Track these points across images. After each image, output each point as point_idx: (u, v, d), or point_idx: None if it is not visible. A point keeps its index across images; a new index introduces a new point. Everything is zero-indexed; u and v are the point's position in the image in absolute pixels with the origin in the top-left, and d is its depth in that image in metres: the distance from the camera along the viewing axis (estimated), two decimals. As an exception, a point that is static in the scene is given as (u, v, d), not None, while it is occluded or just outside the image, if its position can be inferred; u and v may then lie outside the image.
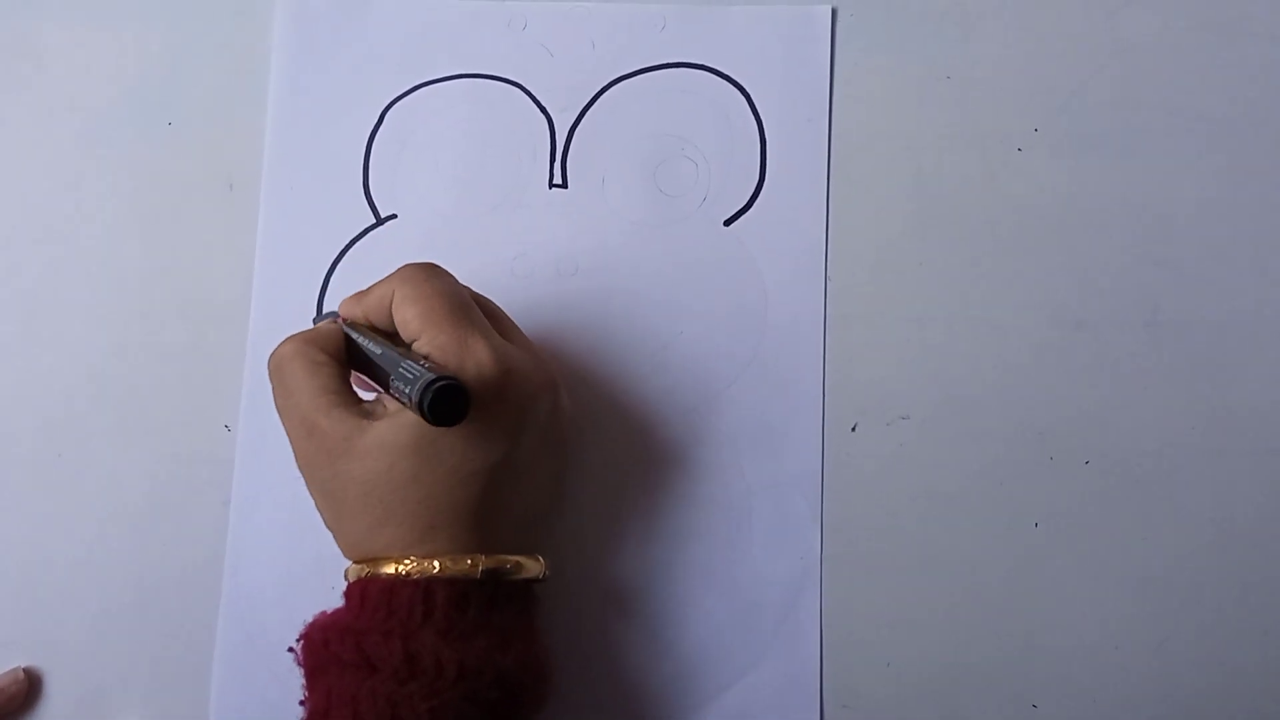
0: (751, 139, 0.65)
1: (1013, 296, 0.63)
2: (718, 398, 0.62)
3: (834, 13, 0.66)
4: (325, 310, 0.64)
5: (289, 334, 0.57)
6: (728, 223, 0.64)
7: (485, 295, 0.58)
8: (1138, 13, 0.66)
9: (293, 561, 0.62)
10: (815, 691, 0.60)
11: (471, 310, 0.53)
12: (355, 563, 0.53)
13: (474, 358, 0.51)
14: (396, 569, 0.51)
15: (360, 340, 0.54)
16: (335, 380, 0.53)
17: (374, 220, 0.65)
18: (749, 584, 0.61)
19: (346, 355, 0.55)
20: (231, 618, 0.61)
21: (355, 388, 0.55)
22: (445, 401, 0.47)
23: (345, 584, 0.53)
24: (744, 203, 0.64)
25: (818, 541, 0.61)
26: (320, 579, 0.61)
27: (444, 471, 0.51)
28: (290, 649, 0.53)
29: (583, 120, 0.65)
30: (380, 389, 0.53)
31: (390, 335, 0.55)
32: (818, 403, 0.62)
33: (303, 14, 0.67)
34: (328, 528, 0.54)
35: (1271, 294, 0.63)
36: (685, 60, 0.66)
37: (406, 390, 0.48)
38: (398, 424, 0.51)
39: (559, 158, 0.65)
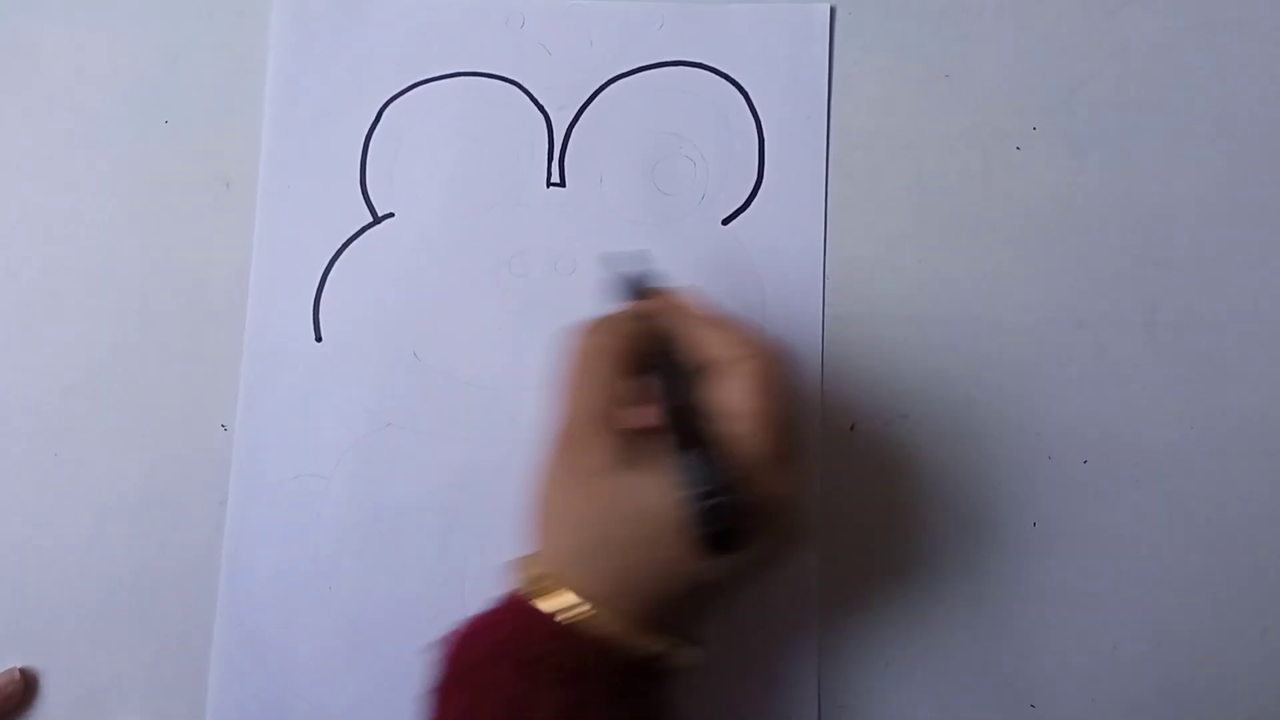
0: (750, 138, 0.65)
1: (1011, 296, 0.63)
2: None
3: (832, 11, 0.66)
4: (648, 278, 0.58)
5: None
6: (725, 221, 0.64)
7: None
8: (1136, 12, 0.66)
9: (289, 561, 0.62)
10: (814, 691, 0.60)
11: (793, 430, 0.50)
12: (536, 575, 0.50)
13: (773, 485, 0.49)
14: (574, 609, 0.49)
15: (671, 382, 0.51)
16: (615, 400, 0.51)
17: (371, 219, 0.65)
18: (747, 591, 0.60)
19: (642, 360, 0.52)
20: (228, 617, 0.61)
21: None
22: (721, 539, 0.45)
23: (513, 584, 0.51)
24: (742, 202, 0.64)
25: (816, 548, 0.61)
26: (316, 578, 0.61)
27: (660, 557, 0.48)
28: (432, 644, 0.51)
29: (581, 118, 0.65)
30: (657, 420, 0.51)
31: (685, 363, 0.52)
32: (816, 403, 0.62)
33: (300, 12, 0.67)
34: (527, 516, 0.52)
35: (1270, 294, 0.62)
36: (683, 59, 0.66)
37: (689, 491, 0.46)
38: (643, 488, 0.48)
39: (557, 156, 0.65)
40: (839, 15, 0.66)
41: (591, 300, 0.63)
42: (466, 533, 0.61)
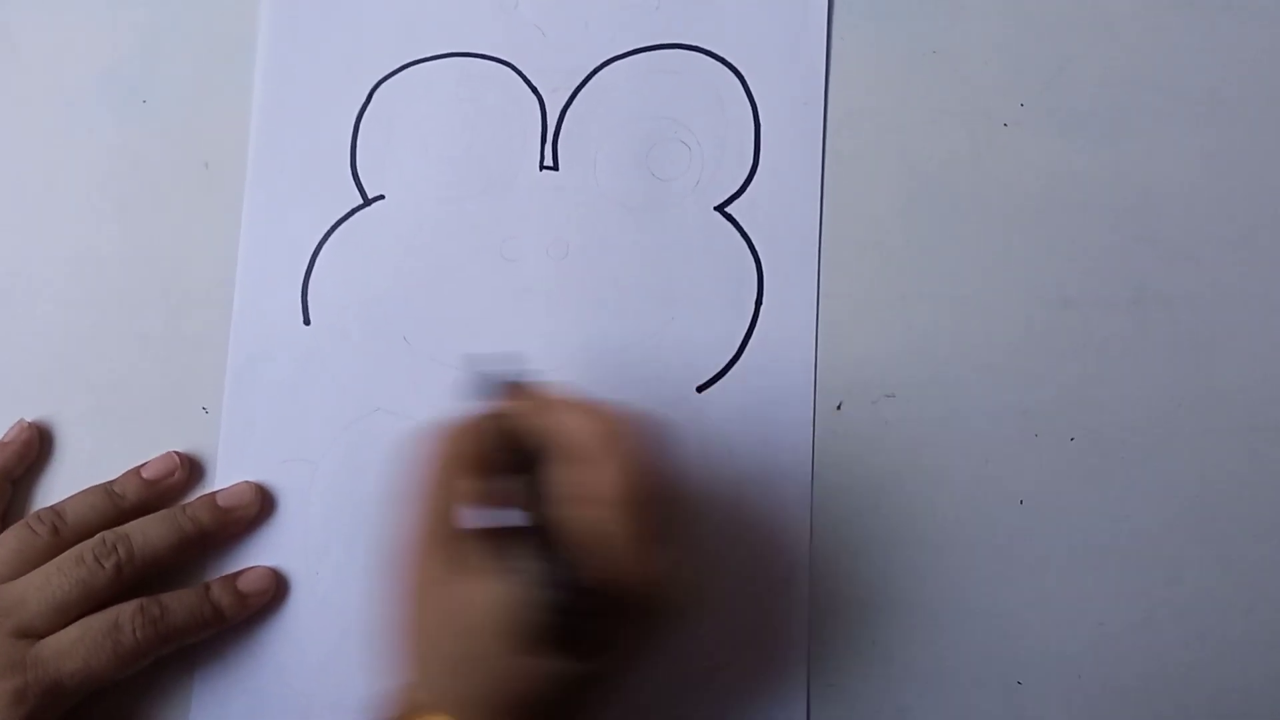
0: (746, 123, 0.64)
1: (999, 274, 0.63)
2: (708, 384, 0.62)
3: (831, -5, 0.66)
4: (512, 376, 0.55)
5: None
6: (721, 207, 0.64)
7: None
8: (1124, -12, 0.66)
9: (275, 547, 0.61)
10: (803, 669, 0.60)
11: (653, 509, 0.47)
12: (405, 707, 0.49)
13: (637, 573, 0.46)
14: None
15: (525, 478, 0.49)
16: (457, 505, 0.49)
17: (361, 201, 0.64)
18: (738, 572, 0.61)
19: (502, 459, 0.51)
20: (215, 604, 0.61)
21: None
22: (565, 637, 0.43)
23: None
24: (738, 187, 0.64)
25: (807, 530, 0.61)
26: (303, 564, 0.61)
27: (513, 663, 0.46)
28: None
29: (574, 101, 0.64)
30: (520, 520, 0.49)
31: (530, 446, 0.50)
32: (809, 389, 0.62)
33: (292, -9, 0.67)
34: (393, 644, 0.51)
35: (1257, 271, 0.63)
36: (679, 42, 0.65)
37: (532, 589, 0.44)
38: (490, 592, 0.46)
39: (550, 139, 0.64)
40: (829, -6, 0.66)
41: (584, 285, 0.62)
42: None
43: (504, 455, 0.50)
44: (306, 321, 0.63)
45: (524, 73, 0.65)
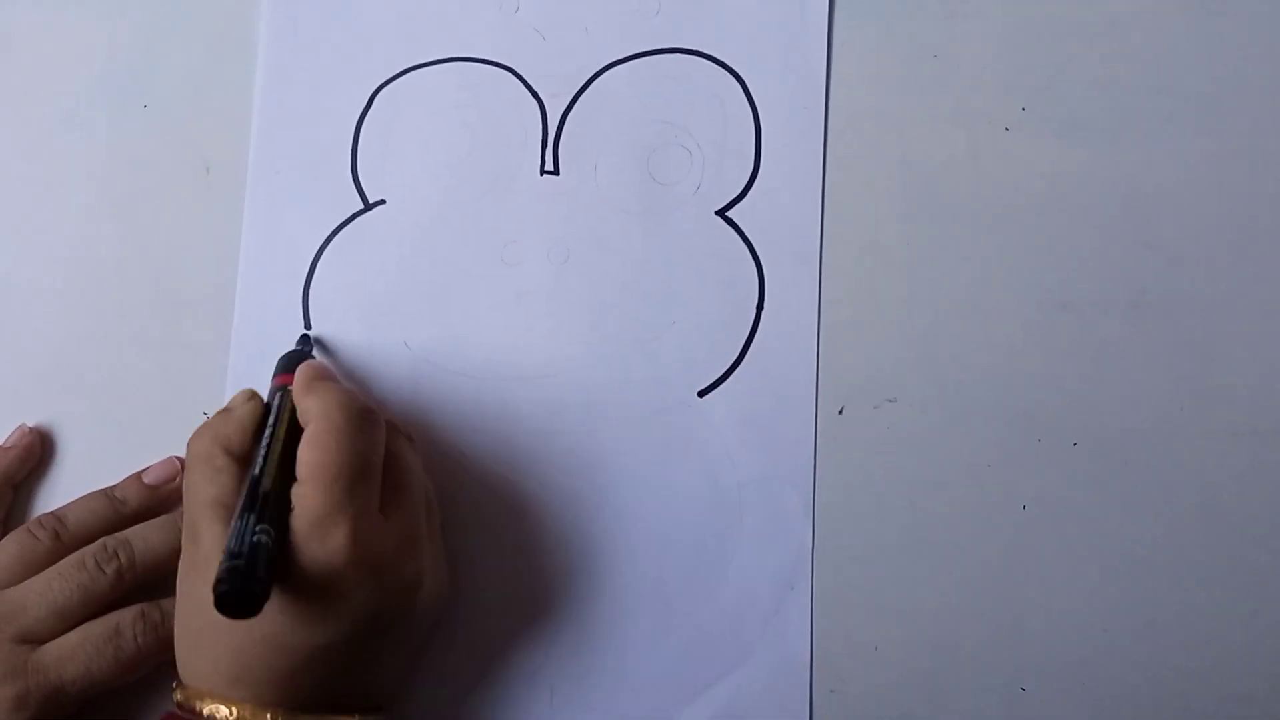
0: (746, 127, 0.64)
1: (1000, 278, 0.63)
2: (709, 389, 0.62)
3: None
4: (305, 336, 0.62)
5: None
6: (722, 211, 0.63)
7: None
8: (1125, -10, 0.66)
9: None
10: (805, 675, 0.60)
11: (364, 484, 0.51)
12: (180, 684, 0.52)
13: (331, 540, 0.48)
14: (207, 709, 0.49)
15: (258, 451, 0.51)
16: (229, 491, 0.51)
17: (362, 206, 0.64)
18: (740, 577, 0.61)
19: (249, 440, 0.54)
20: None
21: None
22: (230, 601, 0.44)
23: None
24: (738, 192, 0.63)
25: (809, 535, 0.61)
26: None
27: (258, 634, 0.49)
28: None
29: (575, 106, 0.64)
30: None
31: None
32: (810, 394, 0.62)
33: (292, -6, 0.67)
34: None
35: (1258, 274, 0.63)
36: (680, 46, 0.65)
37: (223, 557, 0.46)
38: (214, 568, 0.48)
39: (551, 144, 0.64)
40: (830, -2, 0.65)
41: (584, 289, 0.62)
42: (455, 523, 0.61)
43: (290, 432, 0.53)
44: (308, 326, 0.63)
45: (524, 77, 0.65)
